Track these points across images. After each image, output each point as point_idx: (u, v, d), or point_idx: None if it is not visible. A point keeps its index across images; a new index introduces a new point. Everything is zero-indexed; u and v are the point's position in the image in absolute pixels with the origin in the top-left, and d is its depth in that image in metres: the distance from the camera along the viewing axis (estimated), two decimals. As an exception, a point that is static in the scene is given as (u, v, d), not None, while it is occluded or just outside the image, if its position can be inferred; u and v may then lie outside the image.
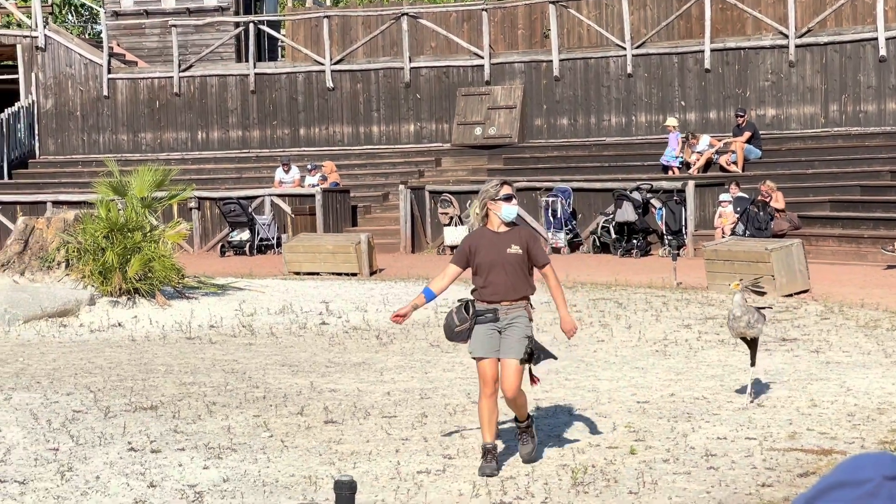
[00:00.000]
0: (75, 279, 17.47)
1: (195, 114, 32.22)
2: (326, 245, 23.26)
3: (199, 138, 32.24)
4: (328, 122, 31.56)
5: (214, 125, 32.16)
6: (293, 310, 17.08)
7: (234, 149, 32.03)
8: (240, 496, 7.80)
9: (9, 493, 7.89)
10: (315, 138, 31.64)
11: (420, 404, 10.55)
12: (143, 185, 18.11)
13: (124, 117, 32.59)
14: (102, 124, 32.70)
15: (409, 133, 31.15)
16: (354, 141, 31.44)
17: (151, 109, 32.43)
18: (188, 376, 12.14)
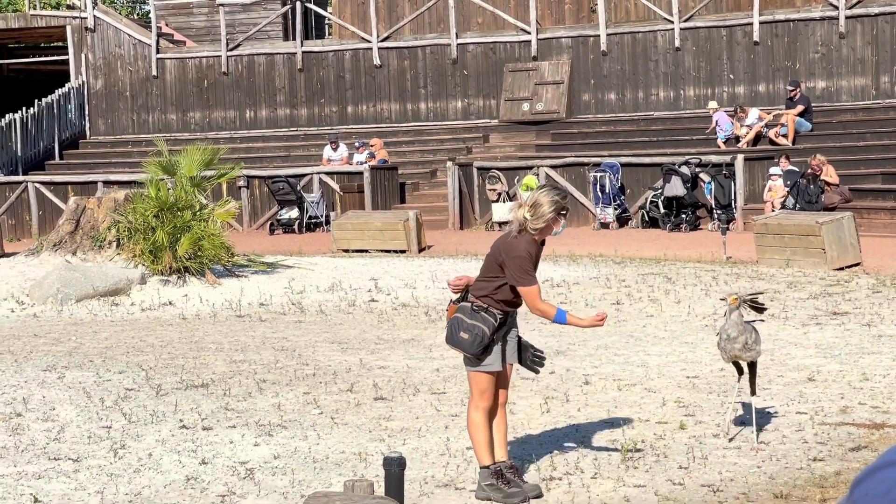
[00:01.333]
0: (126, 258, 17.60)
1: (243, 93, 32.32)
2: (375, 222, 23.29)
3: (248, 117, 32.34)
4: (375, 100, 31.57)
5: (262, 104, 32.26)
6: (342, 287, 17.13)
7: (282, 127, 32.12)
8: (290, 473, 7.85)
9: (63, 470, 7.98)
10: (363, 116, 31.67)
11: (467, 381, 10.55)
12: (192, 165, 18.21)
13: (173, 97, 32.74)
14: (151, 104, 32.87)
15: (457, 109, 31.11)
16: (402, 118, 31.44)
17: (200, 89, 32.57)
18: (238, 354, 12.21)
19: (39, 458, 8.25)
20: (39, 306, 16.07)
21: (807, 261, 18.12)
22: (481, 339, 7.27)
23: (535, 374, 7.94)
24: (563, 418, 9.16)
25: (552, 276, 17.73)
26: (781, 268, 17.93)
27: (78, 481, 7.73)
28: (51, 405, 9.75)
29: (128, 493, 7.49)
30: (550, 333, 13.01)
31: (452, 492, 7.41)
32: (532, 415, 9.28)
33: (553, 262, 19.69)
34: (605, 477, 7.65)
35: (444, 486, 7.51)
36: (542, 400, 9.72)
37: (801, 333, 12.56)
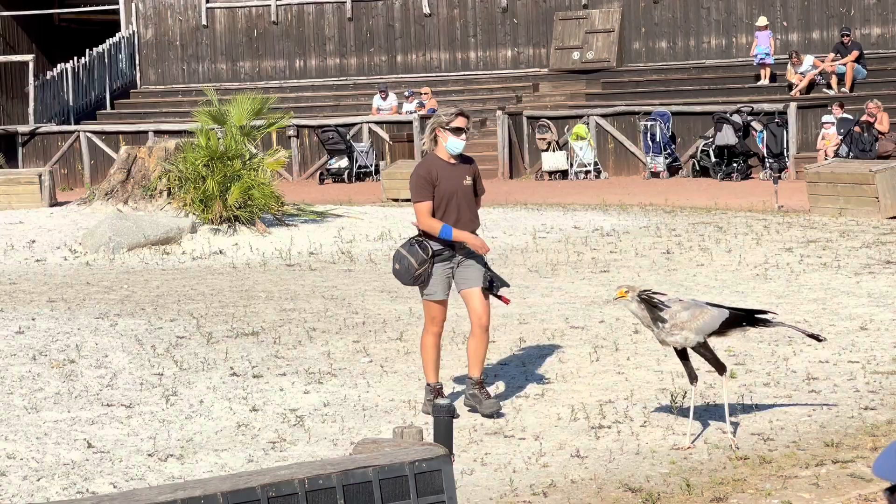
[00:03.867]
0: (177, 207, 17.69)
1: (293, 42, 32.30)
2: (424, 172, 23.25)
3: (297, 66, 32.33)
4: (425, 49, 31.46)
5: (312, 53, 32.22)
6: (391, 236, 17.14)
7: (331, 76, 32.08)
8: (340, 420, 7.89)
9: (116, 416, 8.06)
10: (412, 65, 31.57)
11: (518, 329, 10.56)
12: (242, 114, 18.23)
13: (223, 46, 32.76)
14: (201, 54, 32.92)
15: (507, 58, 30.95)
16: (451, 67, 31.32)
17: (249, 38, 32.57)
18: (288, 302, 12.27)
19: (93, 404, 8.34)
20: (92, 255, 16.19)
21: (860, 209, 17.94)
22: (407, 270, 7.87)
23: (499, 295, 8.22)
24: (612, 367, 9.14)
25: (602, 224, 17.67)
26: (834, 217, 17.77)
27: (130, 427, 7.81)
28: (103, 352, 9.84)
29: (179, 438, 7.56)
30: (600, 283, 12.98)
31: (501, 439, 7.43)
32: (581, 364, 9.27)
33: (603, 210, 19.62)
34: (655, 425, 7.63)
35: (492, 434, 7.53)
36: (592, 349, 9.70)
37: (853, 282, 12.45)
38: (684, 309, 7.27)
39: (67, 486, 6.62)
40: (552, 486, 6.58)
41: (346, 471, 4.52)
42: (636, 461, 6.97)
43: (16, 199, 21.92)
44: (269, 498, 4.35)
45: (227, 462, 7.05)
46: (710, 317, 7.29)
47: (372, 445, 4.92)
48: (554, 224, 17.94)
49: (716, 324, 7.29)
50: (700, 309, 7.31)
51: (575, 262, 14.51)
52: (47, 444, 7.42)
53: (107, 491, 6.44)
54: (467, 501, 6.24)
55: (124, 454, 7.23)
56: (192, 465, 7.02)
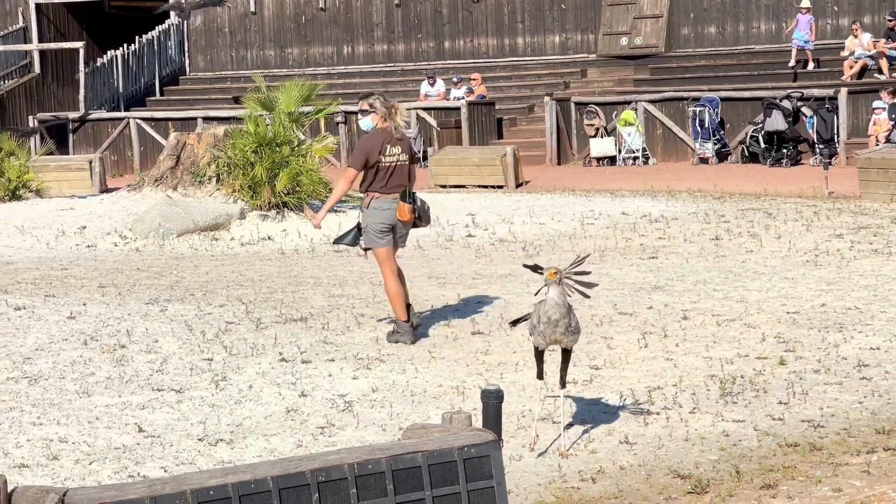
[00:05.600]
0: (226, 193, 17.77)
1: (341, 28, 32.33)
2: (472, 158, 23.26)
3: (345, 53, 32.38)
4: (473, 35, 31.42)
5: (360, 39, 32.25)
6: (439, 222, 17.15)
7: (379, 63, 32.10)
8: (388, 405, 7.91)
9: (166, 401, 8.12)
10: (460, 51, 31.54)
11: (566, 315, 10.53)
12: (290, 100, 18.28)
13: (271, 33, 32.86)
14: (250, 40, 33.03)
15: (555, 44, 30.85)
16: (499, 53, 31.27)
17: (297, 24, 32.64)
18: (337, 288, 12.30)
19: (143, 389, 8.40)
20: (142, 241, 16.30)
21: (912, 196, 17.78)
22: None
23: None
24: (660, 353, 9.11)
25: (650, 211, 17.60)
26: (885, 203, 17.61)
27: (181, 412, 7.87)
28: (154, 337, 9.91)
29: (229, 423, 7.61)
30: (649, 269, 12.93)
31: (550, 425, 7.42)
32: (630, 350, 9.24)
33: (651, 197, 19.55)
34: (704, 412, 7.61)
35: (541, 420, 7.52)
36: (640, 335, 9.67)
37: (905, 269, 12.34)
38: (573, 312, 7.11)
39: (119, 470, 6.68)
40: (601, 472, 6.57)
41: (395, 456, 4.53)
42: (685, 447, 6.95)
43: (67, 185, 22.10)
44: (319, 483, 4.37)
45: (277, 447, 7.09)
46: None
47: (421, 431, 4.93)
48: (602, 210, 17.89)
49: None
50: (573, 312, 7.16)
51: (623, 249, 14.47)
52: (99, 428, 7.49)
53: (158, 475, 6.49)
54: (516, 487, 6.24)
55: (175, 438, 7.28)
56: (242, 449, 7.07)
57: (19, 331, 10.22)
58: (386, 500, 4.47)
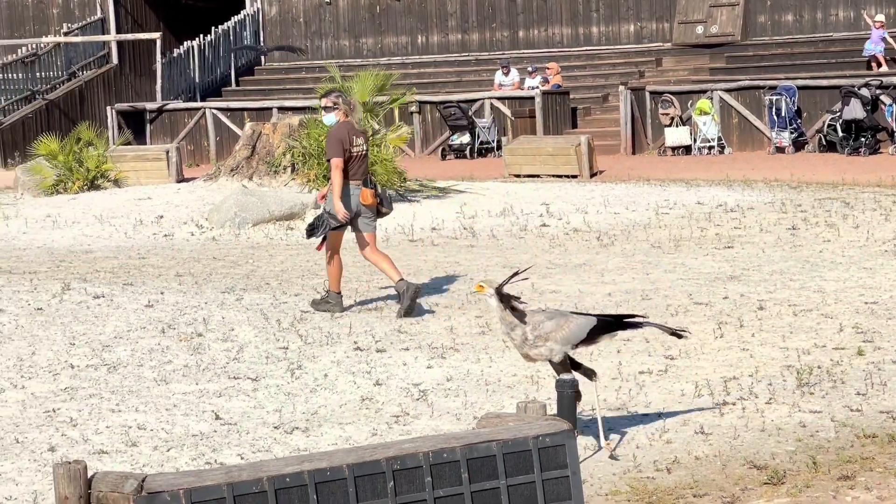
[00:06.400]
0: (301, 183, 17.86)
1: (415, 18, 32.37)
2: (546, 147, 23.20)
3: (419, 42, 32.41)
4: (547, 24, 31.32)
5: (434, 29, 32.27)
6: (513, 212, 17.13)
7: (453, 52, 32.09)
8: (463, 395, 7.92)
9: (243, 389, 8.19)
10: (534, 40, 31.45)
11: (641, 305, 10.49)
12: (364, 90, 18.32)
13: (346, 23, 32.96)
14: (324, 30, 33.16)
15: (629, 33, 30.67)
16: (574, 42, 31.14)
17: (372, 14, 32.72)
18: (411, 278, 12.31)
19: (220, 377, 8.48)
20: (218, 230, 16.44)
21: None
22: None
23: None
24: (736, 343, 9.05)
25: (726, 200, 17.47)
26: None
27: (257, 400, 7.93)
28: (230, 326, 9.99)
29: (304, 411, 7.66)
30: (724, 259, 12.84)
31: (624, 415, 7.39)
32: (705, 340, 9.18)
33: (727, 186, 19.39)
34: (780, 402, 7.54)
35: (615, 410, 7.50)
36: (716, 325, 9.60)
37: None
38: (548, 318, 6.74)
39: (196, 457, 6.75)
40: (676, 462, 6.54)
41: (470, 445, 4.54)
42: (761, 438, 6.90)
43: (144, 175, 22.31)
44: (394, 471, 4.39)
45: (352, 435, 7.12)
46: (576, 325, 6.76)
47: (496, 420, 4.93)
48: (677, 200, 17.77)
49: (583, 332, 6.77)
50: (565, 318, 6.80)
51: (698, 238, 14.37)
52: (176, 415, 7.57)
53: (234, 462, 6.55)
54: (590, 477, 6.23)
55: (251, 426, 7.34)
56: (317, 437, 7.11)
57: (98, 319, 10.35)
58: (461, 488, 4.48)
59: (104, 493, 4.04)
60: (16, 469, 6.59)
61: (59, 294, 11.50)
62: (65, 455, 6.79)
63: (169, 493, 3.99)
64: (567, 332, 6.71)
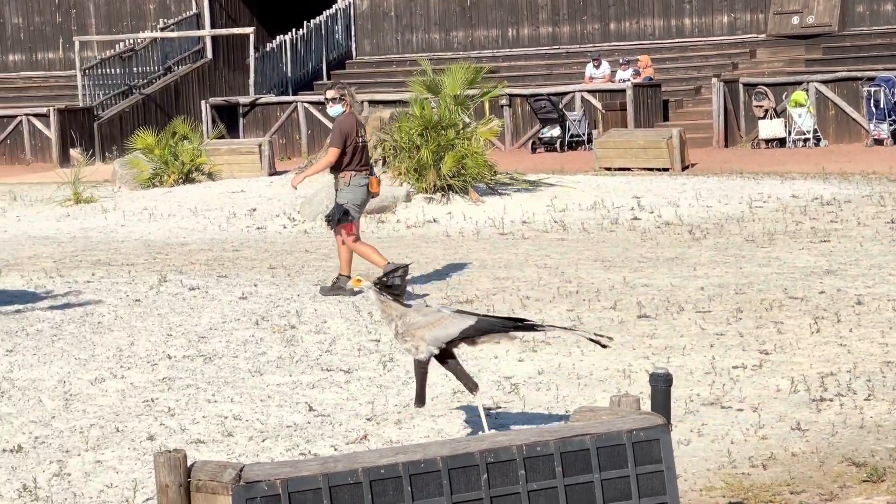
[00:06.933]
0: (392, 176, 17.92)
1: (506, 11, 32.33)
2: (637, 140, 23.07)
3: (510, 35, 32.37)
4: (639, 16, 31.12)
5: (525, 22, 32.20)
6: (604, 205, 17.06)
7: (544, 45, 32.02)
8: (554, 388, 7.90)
9: (335, 381, 8.24)
10: (625, 32, 31.27)
11: (735, 299, 10.39)
12: (455, 84, 18.34)
13: (436, 16, 33.01)
14: (416, 24, 33.24)
15: (723, 24, 30.37)
16: (665, 34, 30.91)
17: (462, 8, 32.73)
18: (502, 271, 12.33)
19: (313, 369, 8.54)
20: (309, 223, 16.56)
21: None
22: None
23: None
24: (833, 339, 8.92)
25: (822, 193, 17.24)
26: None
27: (349, 392, 7.98)
28: (322, 318, 10.06)
29: (397, 404, 7.68)
30: (820, 253, 12.68)
31: (718, 410, 7.33)
32: (801, 335, 9.07)
33: (823, 179, 19.14)
34: (880, 399, 7.43)
35: (709, 405, 7.44)
36: (812, 320, 9.48)
37: None
38: (421, 315, 6.47)
39: (290, 448, 6.80)
40: (772, 458, 6.47)
41: (563, 438, 4.53)
42: (860, 435, 6.80)
43: (237, 168, 22.54)
44: (488, 463, 4.39)
45: (444, 428, 7.13)
46: (447, 324, 6.41)
47: (589, 413, 4.92)
48: (771, 193, 17.58)
49: (454, 332, 6.41)
50: (438, 316, 6.47)
51: (793, 232, 14.21)
52: (271, 406, 7.63)
53: (328, 453, 6.59)
54: (684, 472, 6.18)
55: (344, 418, 7.38)
56: (410, 430, 7.13)
57: (194, 310, 10.48)
58: (554, 481, 4.47)
59: (203, 482, 4.09)
60: (116, 457, 6.69)
61: (156, 286, 11.67)
62: (163, 444, 6.88)
63: (266, 482, 4.03)
64: (436, 330, 6.41)
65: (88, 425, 7.27)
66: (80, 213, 18.75)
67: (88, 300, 11.08)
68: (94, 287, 11.80)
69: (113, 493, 6.17)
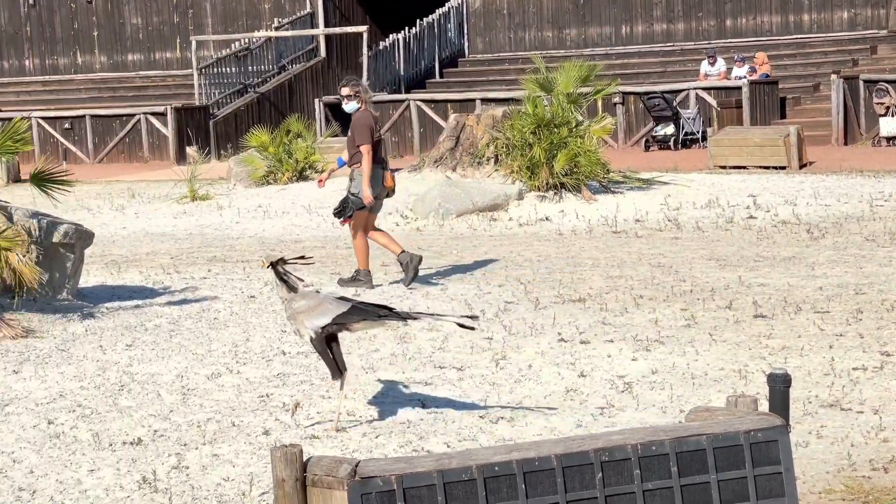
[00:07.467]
0: (504, 174, 17.92)
1: (619, 8, 32.14)
2: (753, 138, 22.77)
3: (624, 33, 32.17)
4: (755, 12, 30.73)
5: (639, 19, 31.98)
6: (719, 204, 16.87)
7: (658, 42, 31.76)
8: (669, 388, 7.83)
9: (448, 378, 8.25)
10: (742, 29, 30.89)
11: (855, 300, 10.21)
12: (569, 81, 18.28)
13: (549, 14, 32.92)
14: (528, 22, 33.18)
15: (843, 20, 29.86)
16: (783, 30, 30.48)
17: (575, 5, 32.60)
18: (615, 269, 12.25)
19: (426, 366, 8.56)
20: (422, 220, 16.61)
21: None
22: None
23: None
24: None
25: (943, 192, 16.87)
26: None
27: (462, 389, 7.98)
28: (435, 316, 10.06)
29: (509, 402, 7.67)
30: (942, 253, 12.40)
31: (838, 412, 7.20)
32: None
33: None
34: None
35: (828, 406, 7.31)
36: (934, 321, 9.28)
37: None
38: (306, 300, 6.89)
39: (404, 444, 6.82)
40: (893, 461, 6.34)
41: (679, 438, 4.47)
42: (984, 440, 6.63)
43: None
44: (602, 462, 4.35)
45: (556, 426, 7.10)
46: (324, 309, 6.83)
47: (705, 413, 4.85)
48: (892, 191, 17.24)
49: (328, 317, 6.82)
50: (318, 301, 6.90)
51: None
52: (384, 403, 7.67)
53: (441, 450, 6.60)
54: (802, 474, 6.08)
55: (456, 415, 7.38)
56: (522, 427, 7.11)
57: (307, 307, 10.55)
58: (670, 481, 4.42)
59: (319, 477, 4.11)
60: (232, 451, 6.77)
61: (271, 282, 11.76)
62: (278, 439, 6.94)
63: (381, 478, 4.04)
64: (313, 316, 6.84)
65: (205, 419, 7.37)
66: (196, 211, 19.03)
67: (205, 296, 11.24)
68: (210, 283, 11.96)
69: (229, 487, 6.24)
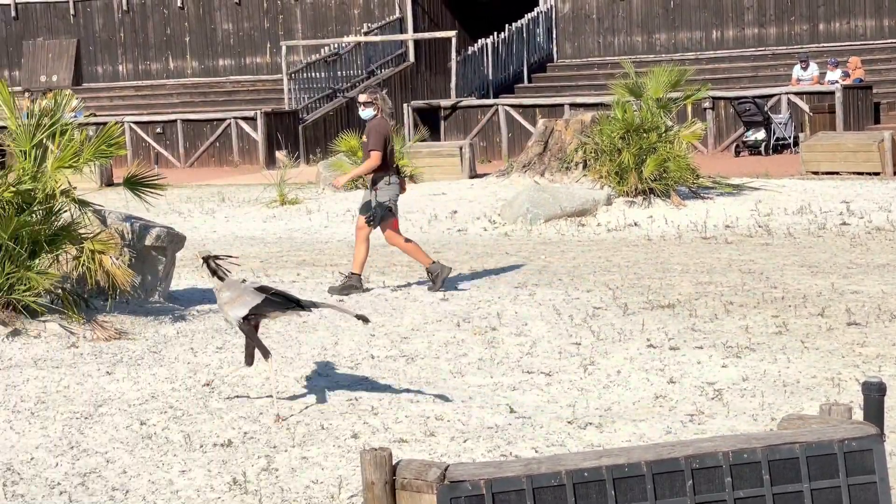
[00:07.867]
0: (592, 179, 17.86)
1: (710, 12, 31.89)
2: (847, 143, 22.47)
3: (714, 37, 31.91)
4: (850, 16, 30.34)
5: (729, 23, 31.72)
6: (811, 210, 16.68)
7: (749, 47, 31.47)
8: (759, 395, 7.75)
9: (536, 383, 8.24)
10: (835, 33, 30.51)
11: (949, 308, 10.04)
12: (658, 86, 18.17)
13: (639, 19, 32.76)
14: (617, 26, 33.04)
15: (938, 23, 29.38)
16: (878, 34, 30.06)
17: (665, 10, 32.41)
18: (704, 276, 12.16)
19: (514, 371, 8.56)
20: (510, 225, 16.61)
21: None
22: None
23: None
24: None
25: None
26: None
27: (550, 394, 7.96)
28: (523, 321, 10.07)
29: (598, 407, 7.64)
30: None
31: (932, 422, 7.08)
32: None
33: None
34: None
35: None
36: None
37: None
38: (230, 291, 7.47)
39: (491, 449, 6.82)
40: None
41: (771, 446, 4.43)
42: None
43: (438, 170, 22.75)
44: (693, 469, 4.33)
45: (645, 433, 7.06)
46: (244, 300, 7.39)
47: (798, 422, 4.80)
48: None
49: (245, 308, 7.39)
50: (239, 292, 7.46)
51: None
52: (472, 407, 7.67)
53: (529, 455, 6.59)
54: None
55: (545, 420, 7.37)
56: (611, 433, 7.08)
57: (396, 311, 10.60)
58: (762, 490, 4.38)
59: (408, 480, 4.13)
60: (322, 454, 6.81)
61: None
62: (367, 442, 6.98)
63: (470, 482, 4.04)
64: (233, 306, 7.42)
65: (294, 422, 7.42)
66: (285, 214, 19.19)
67: (294, 299, 11.31)
68: (299, 287, 12.05)
69: (318, 489, 6.28)
